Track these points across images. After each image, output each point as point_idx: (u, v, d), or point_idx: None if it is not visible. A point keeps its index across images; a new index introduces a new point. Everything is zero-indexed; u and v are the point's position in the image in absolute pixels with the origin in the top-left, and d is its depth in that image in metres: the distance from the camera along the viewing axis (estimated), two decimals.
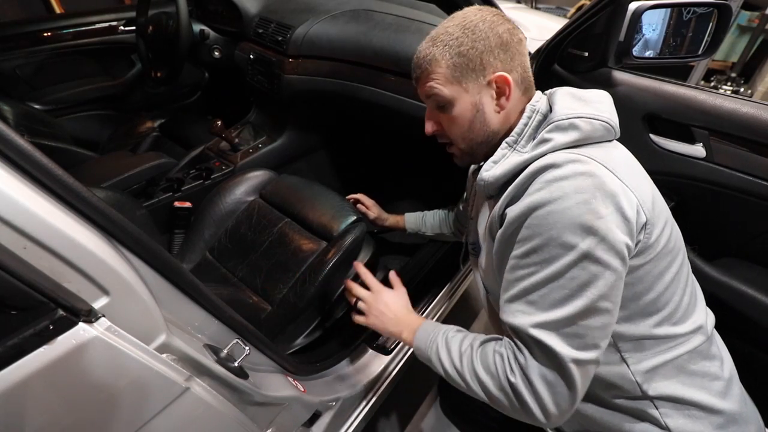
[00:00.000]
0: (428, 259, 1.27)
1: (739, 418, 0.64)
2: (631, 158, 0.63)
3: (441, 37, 0.63)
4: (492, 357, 0.61)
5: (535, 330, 0.54)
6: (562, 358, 0.53)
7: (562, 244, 0.52)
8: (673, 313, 0.61)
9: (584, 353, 0.54)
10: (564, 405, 0.55)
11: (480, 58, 0.61)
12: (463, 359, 0.64)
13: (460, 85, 0.63)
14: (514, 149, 0.63)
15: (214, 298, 0.59)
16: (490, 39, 0.61)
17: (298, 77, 1.38)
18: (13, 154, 0.36)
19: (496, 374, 0.59)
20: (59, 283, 0.39)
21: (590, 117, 0.58)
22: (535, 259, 0.54)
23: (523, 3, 3.25)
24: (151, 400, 0.51)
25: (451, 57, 0.62)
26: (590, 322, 0.53)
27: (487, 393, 0.60)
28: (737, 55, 3.08)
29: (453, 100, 0.64)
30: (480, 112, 0.64)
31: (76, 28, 1.79)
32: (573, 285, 0.52)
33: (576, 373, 0.54)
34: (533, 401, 0.56)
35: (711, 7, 0.90)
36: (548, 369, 0.55)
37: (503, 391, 0.58)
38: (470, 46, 0.61)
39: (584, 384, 0.56)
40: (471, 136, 0.67)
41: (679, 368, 0.63)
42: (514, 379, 0.57)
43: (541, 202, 0.53)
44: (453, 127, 0.67)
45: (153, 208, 1.26)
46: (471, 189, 0.87)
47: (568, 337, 0.53)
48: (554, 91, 0.66)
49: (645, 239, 0.55)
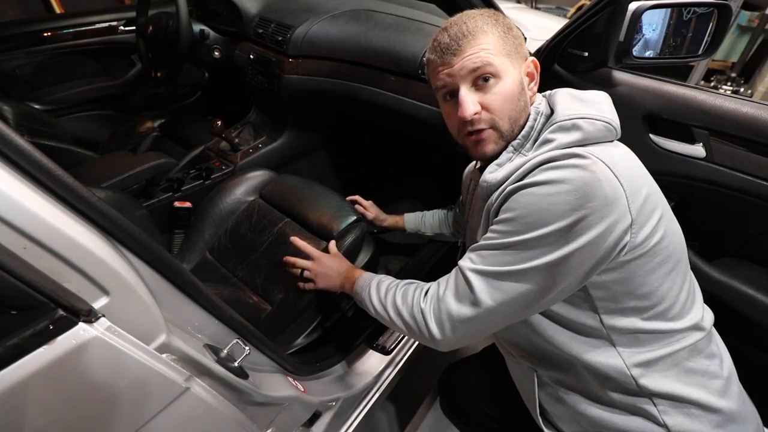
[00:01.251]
0: (428, 260, 1.27)
1: (737, 417, 0.64)
2: (630, 156, 0.63)
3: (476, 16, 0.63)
4: (413, 291, 0.70)
5: (470, 272, 0.61)
6: (477, 297, 0.59)
7: (527, 223, 0.55)
8: (669, 308, 0.61)
9: (494, 305, 0.59)
10: (453, 335, 0.63)
11: (521, 40, 0.65)
12: (388, 294, 0.73)
13: (510, 59, 0.63)
14: (519, 153, 0.63)
15: (214, 298, 0.60)
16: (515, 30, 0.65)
17: (298, 77, 1.38)
18: (13, 154, 0.36)
19: (411, 302, 0.68)
20: (59, 283, 0.39)
21: (592, 117, 0.58)
22: (501, 228, 0.58)
23: (523, 3, 3.25)
24: (151, 400, 0.51)
25: (499, 32, 0.62)
26: (516, 286, 0.58)
27: (401, 318, 0.69)
28: (737, 55, 3.07)
29: (503, 73, 0.61)
30: (523, 92, 0.64)
31: (76, 28, 1.79)
32: (518, 257, 0.56)
33: (480, 316, 0.60)
34: (433, 322, 0.64)
35: (711, 7, 0.90)
36: (458, 302, 0.61)
37: (413, 316, 0.67)
38: (515, 32, 0.64)
39: (478, 330, 0.63)
40: (516, 116, 0.63)
41: (677, 365, 0.63)
42: (425, 305, 0.66)
43: (529, 184, 0.55)
44: (502, 104, 0.62)
45: (153, 208, 1.26)
46: (467, 192, 0.88)
47: (491, 286, 0.59)
48: (554, 92, 0.67)
49: (631, 239, 0.56)
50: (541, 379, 0.73)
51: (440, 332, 0.63)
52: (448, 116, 0.68)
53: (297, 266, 0.93)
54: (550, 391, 0.74)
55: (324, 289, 0.90)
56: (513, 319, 0.63)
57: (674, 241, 0.62)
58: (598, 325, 0.62)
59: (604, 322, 0.62)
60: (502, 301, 0.58)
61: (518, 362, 0.77)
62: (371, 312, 0.76)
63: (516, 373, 0.81)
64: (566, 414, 0.73)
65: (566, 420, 0.74)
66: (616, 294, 0.59)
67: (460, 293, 0.62)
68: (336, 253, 0.96)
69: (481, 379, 1.00)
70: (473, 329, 0.63)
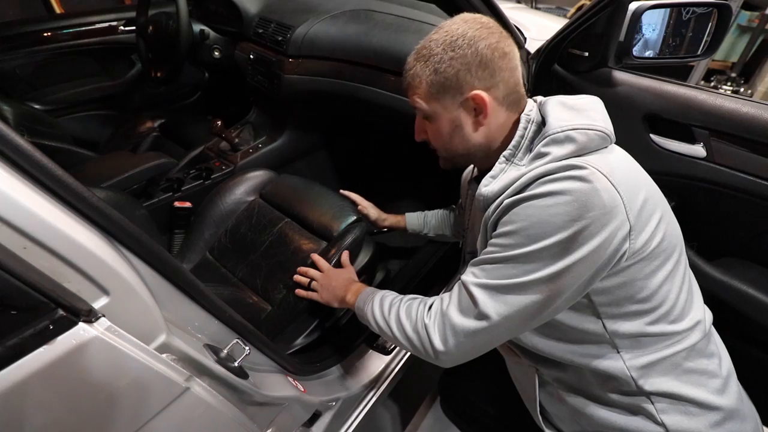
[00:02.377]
0: (427, 260, 1.27)
1: (736, 416, 0.65)
2: (627, 160, 0.62)
3: (423, 51, 0.64)
4: (416, 306, 0.69)
5: (473, 287, 0.60)
6: (481, 311, 0.59)
7: (529, 236, 0.55)
8: (669, 311, 0.61)
9: (499, 318, 0.58)
10: (457, 350, 0.62)
11: (456, 76, 0.61)
12: (391, 309, 0.72)
13: (438, 102, 0.64)
14: (512, 162, 0.63)
15: (214, 298, 0.60)
16: (467, 57, 0.60)
17: (298, 77, 1.38)
18: (13, 154, 0.36)
19: (414, 318, 0.67)
20: (59, 283, 0.39)
21: (585, 128, 0.58)
22: (502, 241, 0.58)
23: (523, 3, 3.24)
24: (151, 400, 0.51)
25: (429, 74, 0.63)
26: (521, 298, 0.57)
27: (405, 334, 0.67)
28: (737, 55, 3.07)
29: (433, 115, 0.66)
30: (459, 128, 0.65)
31: (76, 28, 1.78)
32: (522, 269, 0.56)
33: (484, 329, 0.59)
34: (437, 337, 0.63)
35: (711, 7, 0.90)
36: (463, 316, 0.61)
37: (416, 332, 0.66)
38: (448, 65, 0.61)
39: (482, 344, 0.62)
40: (451, 148, 0.69)
41: (676, 365, 0.63)
42: (428, 320, 0.64)
43: (528, 197, 0.55)
44: (435, 138, 0.69)
45: (153, 208, 1.26)
46: (466, 198, 0.87)
47: (495, 300, 0.58)
48: (545, 100, 0.65)
49: (630, 246, 0.56)
50: (542, 378, 0.73)
51: (444, 347, 0.62)
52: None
53: (308, 276, 0.95)
54: (550, 390, 0.74)
55: (324, 303, 0.91)
56: (517, 331, 0.63)
57: (672, 241, 0.62)
58: (601, 330, 0.62)
59: (606, 327, 0.62)
60: (507, 314, 0.58)
61: (519, 362, 0.77)
62: (374, 327, 0.75)
63: (516, 372, 0.81)
64: (566, 413, 0.73)
65: (566, 420, 0.74)
66: (618, 298, 0.59)
67: (463, 307, 0.61)
68: (347, 265, 0.97)
69: (481, 379, 1.00)
70: (478, 343, 0.62)
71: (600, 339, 0.63)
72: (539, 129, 0.63)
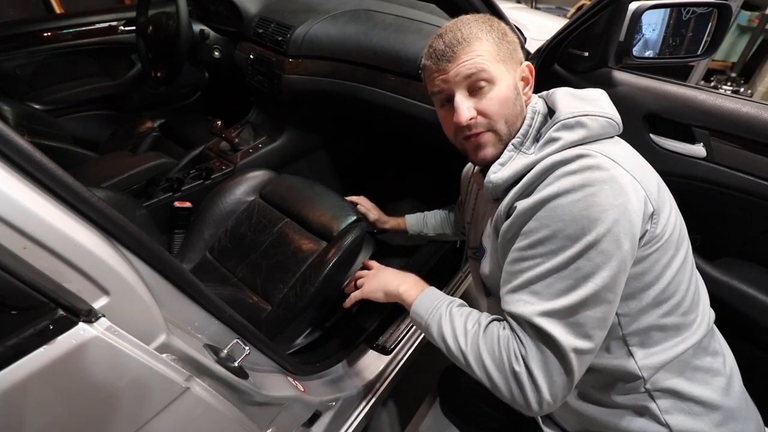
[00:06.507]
0: (428, 260, 1.27)
1: (738, 416, 0.65)
2: (633, 151, 0.63)
3: (471, 22, 0.63)
4: (497, 342, 0.60)
5: (538, 318, 0.55)
6: (563, 347, 0.54)
7: (569, 236, 0.53)
8: (681, 302, 0.61)
9: (584, 342, 0.55)
10: (560, 394, 0.56)
11: (516, 47, 0.65)
12: (468, 339, 0.63)
13: (504, 64, 0.63)
14: (520, 151, 0.63)
15: (214, 298, 0.59)
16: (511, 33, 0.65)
17: (298, 77, 1.38)
18: (13, 154, 0.36)
19: (501, 362, 0.59)
20: (59, 283, 0.39)
21: (596, 114, 0.59)
22: (540, 251, 0.55)
23: (523, 3, 3.24)
24: (151, 400, 0.51)
25: (494, 38, 0.63)
26: (592, 312, 0.54)
27: (490, 378, 0.60)
28: (737, 55, 3.07)
29: (497, 79, 0.62)
30: (518, 96, 0.65)
31: (76, 28, 1.79)
32: (577, 275, 0.53)
33: (575, 362, 0.55)
34: (532, 390, 0.56)
35: (711, 7, 0.90)
36: (548, 358, 0.55)
37: (506, 379, 0.58)
38: (510, 36, 0.65)
39: (580, 373, 0.57)
40: (512, 119, 0.64)
41: (684, 364, 0.63)
42: (519, 368, 0.57)
43: (551, 196, 0.54)
44: (498, 108, 0.62)
45: (153, 208, 1.26)
46: (466, 193, 0.87)
47: (569, 326, 0.54)
48: (553, 91, 0.67)
49: (652, 229, 0.56)
50: None
51: (536, 400, 0.56)
52: (444, 121, 0.69)
53: (358, 277, 0.90)
54: None
55: (366, 295, 0.84)
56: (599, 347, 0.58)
57: (682, 232, 0.62)
58: (615, 325, 0.61)
59: (621, 324, 0.61)
60: (591, 331, 0.54)
61: None
62: (437, 345, 0.68)
63: None
64: (567, 413, 0.73)
65: (567, 419, 0.74)
66: (635, 291, 0.59)
67: (543, 351, 0.55)
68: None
69: None
70: (572, 379, 0.56)
71: (612, 333, 0.61)
72: (545, 120, 0.64)
